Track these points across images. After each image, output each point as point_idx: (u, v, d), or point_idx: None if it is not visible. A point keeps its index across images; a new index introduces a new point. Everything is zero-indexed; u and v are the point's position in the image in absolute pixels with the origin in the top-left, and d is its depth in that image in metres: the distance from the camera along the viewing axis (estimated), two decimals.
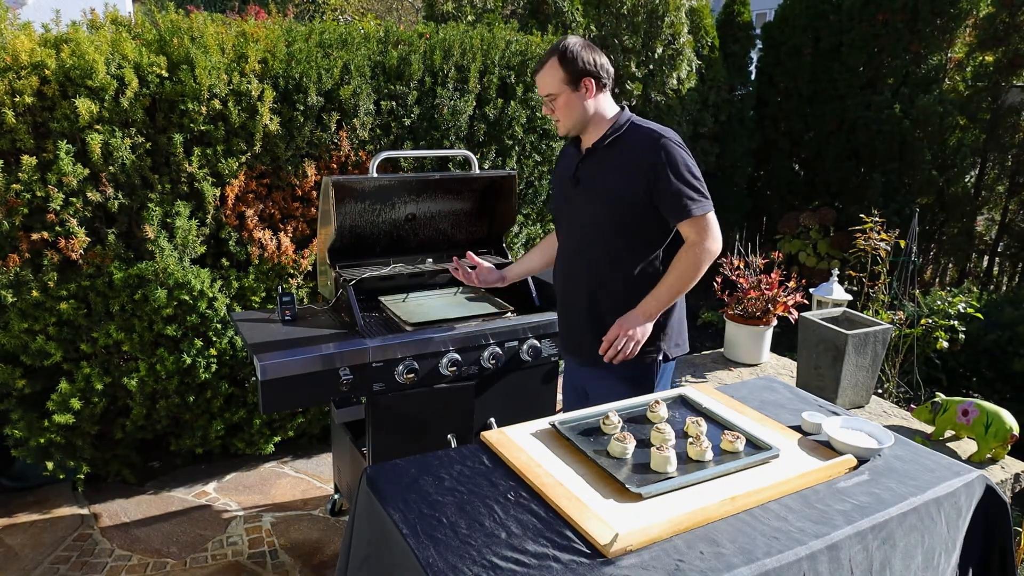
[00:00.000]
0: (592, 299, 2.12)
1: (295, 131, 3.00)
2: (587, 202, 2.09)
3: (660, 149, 1.96)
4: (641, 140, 2.01)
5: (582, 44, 2.02)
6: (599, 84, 2.04)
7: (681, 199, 1.94)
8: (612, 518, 1.37)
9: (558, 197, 2.26)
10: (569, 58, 1.99)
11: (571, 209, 2.16)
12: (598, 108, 2.06)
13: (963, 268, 6.12)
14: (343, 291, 2.48)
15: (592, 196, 2.08)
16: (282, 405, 2.24)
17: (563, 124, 2.08)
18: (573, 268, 2.17)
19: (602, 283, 2.10)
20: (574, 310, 2.19)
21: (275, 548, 2.81)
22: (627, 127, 2.05)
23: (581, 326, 2.16)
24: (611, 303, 2.09)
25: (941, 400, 2.84)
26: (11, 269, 2.62)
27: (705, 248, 1.98)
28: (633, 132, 2.04)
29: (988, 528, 1.67)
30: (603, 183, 2.06)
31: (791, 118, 6.60)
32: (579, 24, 5.28)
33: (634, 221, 2.02)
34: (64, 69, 2.56)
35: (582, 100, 2.03)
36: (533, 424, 1.77)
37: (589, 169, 2.09)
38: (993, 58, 5.71)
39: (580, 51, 2.00)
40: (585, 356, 2.18)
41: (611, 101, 2.10)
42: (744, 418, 1.82)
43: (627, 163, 2.01)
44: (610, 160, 2.05)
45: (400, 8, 10.18)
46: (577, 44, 2.01)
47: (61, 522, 2.95)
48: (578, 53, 1.99)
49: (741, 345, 3.59)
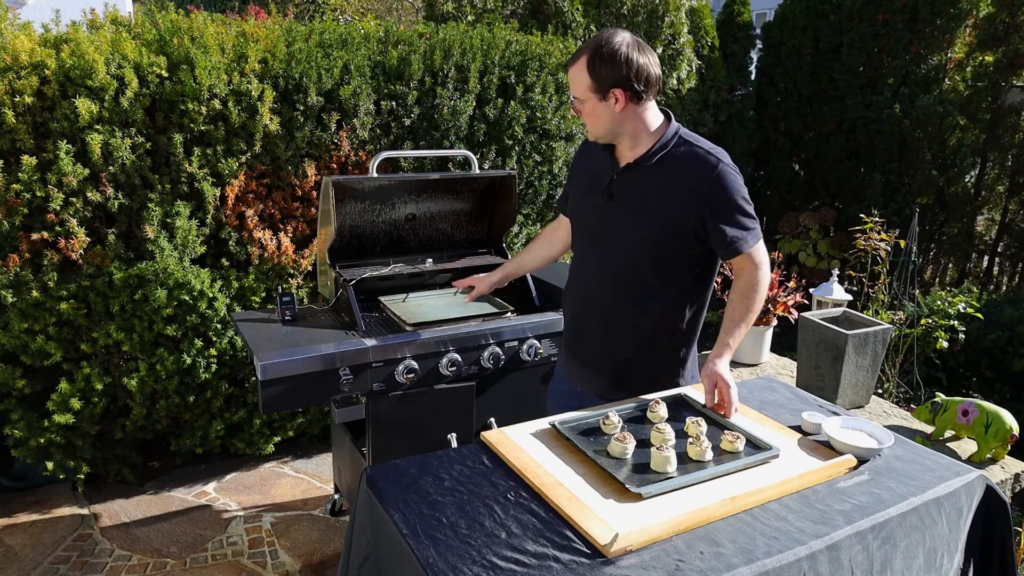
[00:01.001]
0: (610, 330, 1.95)
1: (295, 131, 3.00)
2: (625, 224, 1.87)
3: (718, 177, 1.77)
4: (695, 162, 1.81)
5: (627, 44, 1.75)
6: (634, 95, 1.78)
7: (739, 233, 1.79)
8: (612, 518, 1.37)
9: (583, 206, 2.02)
10: (600, 62, 1.74)
11: (602, 226, 1.94)
12: (636, 120, 1.82)
13: (963, 268, 6.12)
14: (343, 291, 2.48)
15: (632, 219, 1.86)
16: (282, 405, 2.23)
17: (591, 131, 1.88)
18: (597, 294, 1.97)
19: (627, 315, 1.92)
20: (589, 339, 2.02)
21: (275, 548, 2.81)
22: (674, 142, 1.84)
23: (597, 360, 2.01)
24: (633, 337, 1.93)
25: (941, 400, 2.84)
26: (11, 269, 2.62)
27: (760, 278, 1.84)
28: (683, 150, 1.83)
29: (988, 528, 1.66)
30: (648, 207, 1.84)
31: (791, 118, 6.60)
32: (579, 24, 5.28)
33: (676, 251, 1.86)
34: (64, 69, 2.56)
35: (610, 111, 1.79)
36: (533, 424, 1.77)
37: (629, 186, 1.87)
38: (993, 58, 5.71)
39: (616, 55, 1.73)
40: (598, 390, 2.02)
41: (655, 111, 1.87)
42: (744, 418, 1.82)
43: (678, 187, 1.81)
44: (656, 180, 1.84)
45: (400, 8, 10.18)
46: (617, 45, 1.74)
47: (61, 522, 2.95)
48: (613, 57, 1.73)
49: (741, 345, 3.59)
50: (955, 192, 5.74)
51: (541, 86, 3.65)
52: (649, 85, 1.79)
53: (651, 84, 1.79)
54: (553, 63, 3.73)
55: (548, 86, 3.69)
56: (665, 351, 1.98)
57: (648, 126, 1.85)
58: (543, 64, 3.67)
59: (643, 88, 1.78)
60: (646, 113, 1.84)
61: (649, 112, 1.85)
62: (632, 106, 1.80)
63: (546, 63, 3.69)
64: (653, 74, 1.79)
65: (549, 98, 3.68)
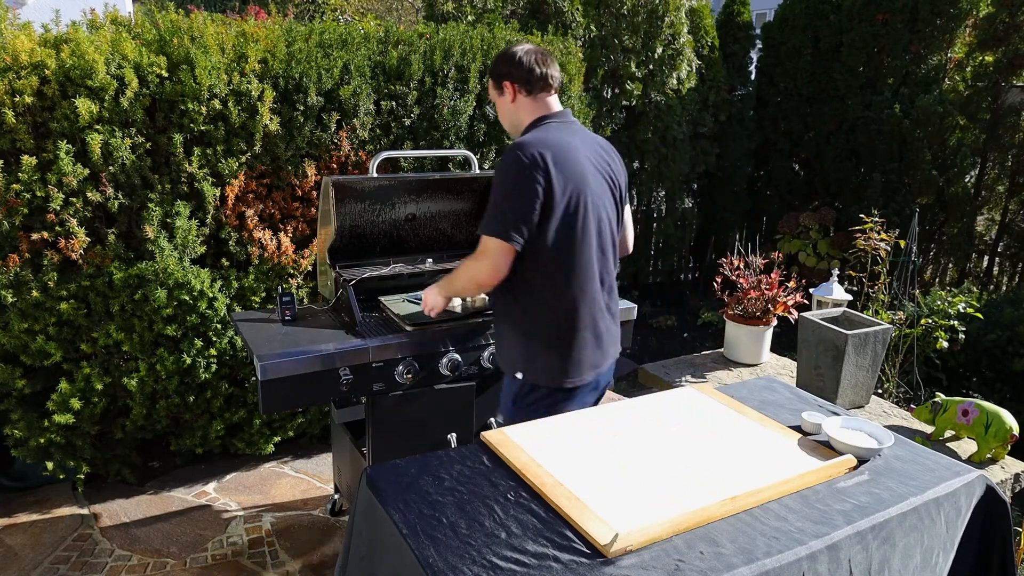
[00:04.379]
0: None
1: (295, 131, 3.00)
2: None
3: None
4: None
5: (519, 47, 2.05)
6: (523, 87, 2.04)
7: (485, 216, 1.93)
8: (612, 518, 1.37)
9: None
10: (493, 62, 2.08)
11: None
12: (518, 115, 2.08)
13: (963, 268, 6.12)
14: (343, 291, 2.48)
15: None
16: (282, 405, 2.23)
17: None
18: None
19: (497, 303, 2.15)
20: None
21: (275, 548, 2.81)
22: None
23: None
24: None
25: (941, 400, 2.84)
26: (11, 269, 2.62)
27: (468, 259, 1.99)
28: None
29: (988, 528, 1.66)
30: None
31: (791, 118, 6.60)
32: (579, 24, 5.28)
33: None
34: (64, 69, 2.56)
35: (505, 104, 2.08)
36: (533, 424, 1.77)
37: None
38: (993, 58, 5.71)
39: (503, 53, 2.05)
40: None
41: (545, 107, 2.06)
42: (744, 418, 1.83)
43: None
44: None
45: (400, 8, 10.18)
46: (508, 47, 2.06)
47: (61, 522, 2.95)
48: (502, 54, 2.05)
49: (741, 345, 3.59)
50: (955, 192, 5.74)
51: None
52: (532, 80, 2.01)
53: (534, 79, 2.01)
54: None
55: None
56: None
57: (522, 123, 2.07)
58: None
59: (524, 82, 2.01)
60: (529, 108, 2.05)
61: (534, 108, 2.05)
62: (523, 99, 2.04)
63: None
64: (536, 71, 2.01)
65: None
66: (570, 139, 1.98)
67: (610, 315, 2.11)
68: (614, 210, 2.09)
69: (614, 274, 2.13)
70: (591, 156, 2.01)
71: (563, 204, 1.90)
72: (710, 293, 5.94)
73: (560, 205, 1.89)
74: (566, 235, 1.92)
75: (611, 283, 2.11)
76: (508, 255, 1.89)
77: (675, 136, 6.03)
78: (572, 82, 3.87)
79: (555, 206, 1.89)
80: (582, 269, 1.97)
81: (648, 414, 1.86)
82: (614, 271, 2.13)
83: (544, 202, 1.87)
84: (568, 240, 1.93)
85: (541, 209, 1.87)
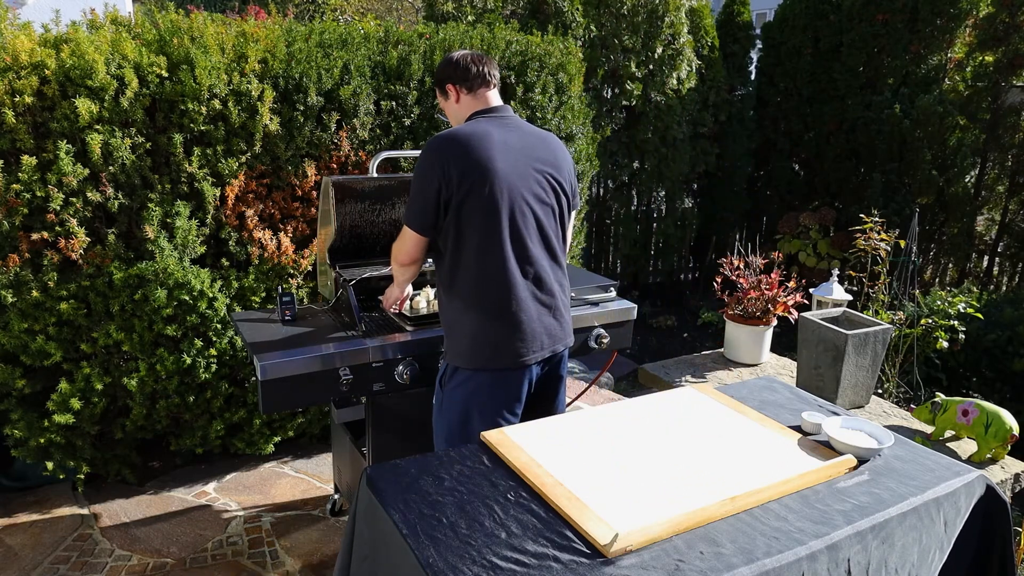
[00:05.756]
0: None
1: (295, 131, 3.00)
2: None
3: None
4: None
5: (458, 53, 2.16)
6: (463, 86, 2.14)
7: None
8: (612, 518, 1.37)
9: None
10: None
11: None
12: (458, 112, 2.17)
13: (963, 268, 6.12)
14: (343, 291, 2.48)
15: None
16: (282, 405, 2.23)
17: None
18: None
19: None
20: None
21: (275, 548, 2.81)
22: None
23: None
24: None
25: (941, 400, 2.84)
26: (11, 269, 2.62)
27: (393, 246, 2.16)
28: None
29: (988, 528, 1.66)
30: None
31: (791, 118, 6.60)
32: (579, 24, 5.28)
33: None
34: (64, 69, 2.56)
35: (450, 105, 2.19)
36: (533, 424, 1.78)
37: None
38: (993, 58, 5.71)
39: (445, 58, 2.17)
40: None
41: (483, 103, 2.13)
42: (744, 418, 1.83)
43: None
44: None
45: (400, 8, 10.18)
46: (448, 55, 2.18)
47: (61, 522, 2.95)
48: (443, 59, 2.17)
49: (741, 345, 3.58)
50: (955, 192, 5.74)
51: (541, 86, 3.65)
52: (470, 77, 2.11)
53: (471, 76, 2.11)
54: (553, 63, 3.73)
55: (548, 86, 3.68)
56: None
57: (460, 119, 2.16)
58: (543, 64, 3.67)
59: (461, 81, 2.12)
60: (469, 105, 2.14)
61: (473, 104, 2.14)
62: (465, 97, 2.14)
63: (546, 63, 3.69)
64: (473, 69, 2.11)
65: (549, 98, 3.68)
66: (491, 129, 2.02)
67: (538, 303, 2.08)
68: (551, 201, 2.10)
69: (546, 264, 2.10)
70: (521, 147, 2.04)
71: (465, 191, 1.95)
72: (710, 293, 5.95)
73: (461, 192, 1.95)
74: (472, 221, 1.98)
75: (537, 272, 2.07)
76: (416, 241, 2.06)
77: (675, 136, 6.03)
78: (572, 82, 3.87)
79: (455, 194, 1.96)
80: (497, 255, 1.99)
81: (648, 414, 1.86)
82: (546, 261, 2.10)
83: (444, 191, 1.96)
84: (476, 226, 1.98)
85: (443, 198, 1.97)
